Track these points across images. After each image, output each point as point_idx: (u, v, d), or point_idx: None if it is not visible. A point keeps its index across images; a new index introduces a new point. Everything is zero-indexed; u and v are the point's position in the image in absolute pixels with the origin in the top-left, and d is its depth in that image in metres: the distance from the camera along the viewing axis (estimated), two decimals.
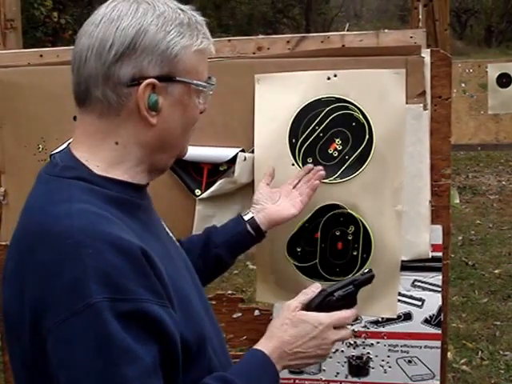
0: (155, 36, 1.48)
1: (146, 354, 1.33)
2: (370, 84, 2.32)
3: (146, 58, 1.47)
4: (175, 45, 1.49)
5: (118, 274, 1.33)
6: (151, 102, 1.49)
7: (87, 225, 1.36)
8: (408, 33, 2.43)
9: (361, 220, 2.33)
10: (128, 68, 1.47)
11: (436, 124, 2.34)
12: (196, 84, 1.55)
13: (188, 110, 1.57)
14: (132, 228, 1.45)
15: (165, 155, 1.60)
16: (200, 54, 1.55)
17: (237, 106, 2.38)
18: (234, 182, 2.36)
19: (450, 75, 2.33)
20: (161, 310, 1.38)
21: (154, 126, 1.52)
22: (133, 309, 1.33)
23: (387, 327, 2.45)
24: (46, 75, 2.46)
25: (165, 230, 1.75)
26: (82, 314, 1.29)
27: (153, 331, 1.36)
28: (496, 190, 10.12)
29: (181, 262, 1.68)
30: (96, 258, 1.32)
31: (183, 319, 1.47)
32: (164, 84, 1.50)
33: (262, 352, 1.63)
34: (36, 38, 14.55)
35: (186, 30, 1.52)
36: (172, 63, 1.50)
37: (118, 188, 1.51)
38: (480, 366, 4.92)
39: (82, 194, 1.44)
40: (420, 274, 2.41)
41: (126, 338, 1.31)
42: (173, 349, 1.41)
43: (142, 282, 1.36)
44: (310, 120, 2.33)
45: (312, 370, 2.51)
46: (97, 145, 1.52)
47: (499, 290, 6.28)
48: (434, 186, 2.36)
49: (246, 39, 2.48)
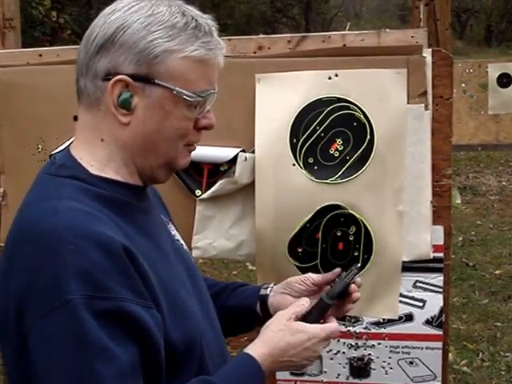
0: (135, 34, 1.44)
1: (123, 353, 1.32)
2: (371, 84, 2.31)
3: (123, 55, 1.45)
4: (156, 46, 1.45)
5: (98, 271, 1.32)
6: (121, 100, 1.46)
7: (71, 222, 1.36)
8: (409, 32, 2.42)
9: (362, 220, 2.32)
10: (105, 61, 1.46)
11: (437, 124, 2.33)
12: (178, 92, 1.48)
13: (170, 119, 1.50)
14: (122, 228, 1.43)
15: (146, 162, 1.54)
16: (193, 62, 1.48)
17: (237, 106, 2.37)
18: (235, 183, 2.35)
19: (451, 75, 2.32)
20: (141, 310, 1.37)
21: (128, 126, 1.48)
22: (111, 307, 1.32)
23: (388, 328, 2.44)
24: (46, 75, 2.45)
25: (170, 233, 1.73)
26: (60, 310, 1.30)
27: (131, 331, 1.35)
28: (496, 191, 10.11)
29: (181, 266, 1.65)
30: (77, 256, 1.32)
31: (172, 321, 1.46)
32: (140, 84, 1.46)
33: (253, 358, 1.57)
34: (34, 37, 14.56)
35: (178, 34, 1.46)
36: (151, 64, 1.45)
37: (111, 188, 1.50)
38: (481, 367, 4.91)
39: (73, 192, 1.44)
40: (421, 274, 2.40)
41: (102, 336, 1.30)
42: (154, 350, 1.39)
43: (123, 281, 1.35)
44: (310, 120, 2.32)
45: (313, 371, 2.50)
46: (89, 141, 1.52)
47: (500, 291, 6.27)
48: (435, 186, 2.35)
49: (247, 39, 2.47)
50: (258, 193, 2.35)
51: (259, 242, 2.37)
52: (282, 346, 1.61)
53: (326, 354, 2.49)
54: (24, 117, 2.48)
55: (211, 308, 1.75)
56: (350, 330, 2.46)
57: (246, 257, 2.45)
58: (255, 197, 2.35)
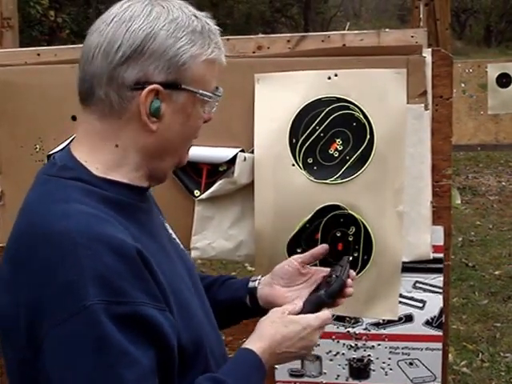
0: (165, 42, 1.45)
1: (143, 357, 1.33)
2: (371, 84, 2.30)
3: (153, 63, 1.45)
4: (184, 52, 1.46)
5: (115, 276, 1.32)
6: (153, 108, 1.46)
7: (84, 226, 1.35)
8: (409, 32, 2.41)
9: (361, 221, 2.31)
10: (134, 71, 1.44)
11: (437, 124, 2.32)
12: (201, 94, 1.51)
13: (191, 120, 1.54)
14: (129, 230, 1.43)
15: (163, 163, 1.57)
16: (209, 63, 1.52)
17: (236, 106, 2.36)
18: (234, 183, 2.34)
19: (451, 75, 2.31)
20: (158, 313, 1.37)
21: (155, 132, 1.49)
22: (129, 312, 1.32)
23: (388, 329, 2.44)
24: (44, 74, 2.44)
25: (167, 232, 1.73)
26: (79, 316, 1.29)
27: (149, 334, 1.35)
28: (496, 191, 10.11)
29: (181, 265, 1.65)
30: (93, 260, 1.31)
31: (181, 322, 1.46)
32: (169, 91, 1.47)
33: (253, 352, 1.59)
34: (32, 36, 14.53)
35: (198, 38, 1.48)
36: (179, 71, 1.47)
37: (116, 190, 1.49)
38: (480, 367, 4.90)
39: (78, 194, 1.42)
40: (421, 275, 2.39)
41: (123, 340, 1.30)
42: (169, 352, 1.41)
43: (139, 284, 1.35)
44: (310, 120, 2.31)
45: (313, 372, 2.50)
46: (97, 146, 1.50)
47: (499, 292, 6.26)
48: (435, 186, 2.34)
49: (246, 38, 2.46)
50: (257, 193, 2.34)
51: (258, 243, 2.36)
52: (278, 339, 1.62)
53: (326, 355, 2.48)
54: (22, 116, 2.47)
55: (210, 307, 1.75)
56: (349, 331, 2.46)
57: (245, 257, 2.44)
58: (254, 197, 2.35)
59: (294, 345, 1.64)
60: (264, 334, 1.63)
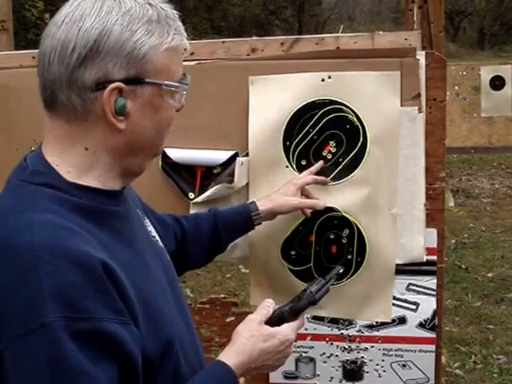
0: (120, 37, 1.39)
1: (102, 375, 1.30)
2: (365, 86, 2.30)
3: (111, 61, 1.39)
4: (143, 45, 1.41)
5: (76, 292, 1.29)
6: (118, 107, 1.41)
7: (47, 239, 1.31)
8: (403, 35, 2.41)
9: (355, 223, 2.32)
10: (92, 72, 1.39)
11: (431, 126, 2.32)
12: (167, 85, 1.46)
13: (160, 112, 1.49)
14: (99, 239, 1.40)
15: (137, 159, 1.52)
16: (172, 51, 1.46)
17: (231, 108, 2.36)
18: (232, 188, 2.35)
19: (444, 77, 2.32)
20: (120, 328, 1.34)
21: (124, 131, 1.45)
22: (90, 328, 1.29)
23: (382, 331, 2.44)
24: None
25: (147, 231, 1.72)
26: (36, 332, 1.26)
27: (111, 350, 1.32)
28: (489, 194, 10.12)
29: (158, 266, 1.64)
30: (53, 275, 1.28)
31: (148, 331, 1.44)
32: (132, 87, 1.42)
33: (228, 367, 1.57)
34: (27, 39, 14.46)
35: (156, 28, 1.43)
36: (140, 64, 1.41)
37: (88, 196, 1.45)
38: (473, 369, 4.91)
39: (47, 202, 1.39)
40: (414, 277, 2.40)
41: (81, 359, 1.27)
42: (132, 366, 1.38)
43: (101, 299, 1.32)
44: (304, 122, 2.32)
45: (307, 374, 2.50)
46: (67, 150, 1.47)
47: (492, 294, 6.27)
48: (429, 189, 2.34)
49: (240, 41, 2.46)
50: (252, 195, 2.35)
51: (252, 245, 2.37)
52: (256, 355, 1.63)
53: (319, 358, 2.48)
54: (17, 119, 2.47)
55: (186, 305, 1.74)
56: (343, 333, 2.46)
57: (240, 260, 2.44)
58: (249, 199, 2.34)
59: (270, 358, 1.66)
60: (241, 350, 1.62)
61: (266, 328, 1.68)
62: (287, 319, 1.76)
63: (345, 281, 2.36)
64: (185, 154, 2.35)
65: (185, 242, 2.07)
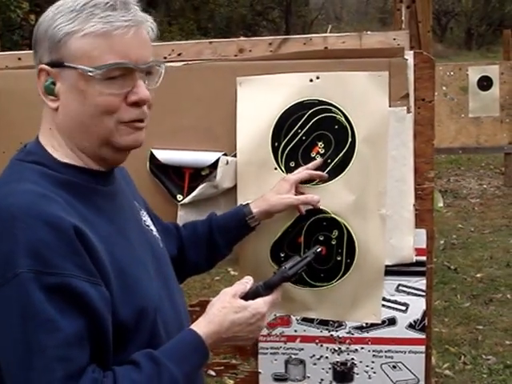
0: (45, 26, 1.57)
1: (68, 325, 1.42)
2: (353, 86, 2.30)
3: (41, 46, 1.58)
4: (59, 30, 1.55)
5: (47, 249, 1.42)
6: (44, 87, 1.59)
7: (26, 203, 1.46)
8: (391, 35, 2.41)
9: (344, 224, 2.31)
10: (36, 56, 1.62)
11: (419, 127, 2.32)
12: (81, 69, 1.55)
13: (88, 97, 1.57)
14: (78, 209, 1.53)
15: (83, 142, 1.61)
16: (93, 38, 1.54)
17: (218, 109, 2.35)
18: (216, 187, 2.33)
19: (433, 77, 2.31)
20: (89, 286, 1.46)
21: (57, 111, 1.60)
22: (58, 282, 1.42)
23: (371, 332, 2.43)
24: (25, 79, 2.39)
25: (139, 218, 1.83)
26: (10, 283, 1.41)
27: (78, 305, 1.44)
28: (477, 194, 10.15)
29: (145, 248, 1.74)
30: (28, 233, 1.42)
31: (122, 297, 1.55)
32: (57, 70, 1.57)
33: (197, 334, 1.65)
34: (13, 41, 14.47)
35: (77, 16, 1.55)
36: (58, 49, 1.56)
37: (71, 173, 1.60)
38: (463, 370, 4.91)
39: (33, 176, 1.55)
40: (404, 278, 2.39)
41: (48, 308, 1.41)
42: (100, 323, 1.48)
43: (70, 258, 1.45)
44: (292, 123, 2.31)
45: (297, 376, 2.49)
46: (45, 130, 1.65)
47: (481, 294, 6.27)
48: (418, 189, 2.34)
49: (228, 41, 2.45)
50: (240, 197, 2.33)
51: (241, 247, 2.35)
52: (226, 325, 1.69)
53: (309, 359, 2.48)
54: (3, 121, 2.44)
55: (174, 288, 1.84)
56: (332, 334, 2.45)
57: (229, 262, 2.42)
58: (237, 201, 2.33)
59: (242, 330, 1.72)
60: (213, 320, 1.69)
61: (238, 301, 1.74)
62: (262, 294, 1.80)
63: (334, 282, 2.35)
64: (173, 155, 2.33)
65: (183, 246, 2.17)
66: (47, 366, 1.40)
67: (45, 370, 1.40)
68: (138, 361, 1.54)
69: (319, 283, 2.35)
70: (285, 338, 2.49)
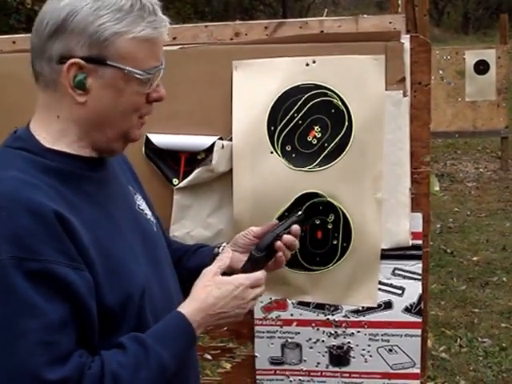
0: (85, 19, 1.52)
1: (52, 310, 1.44)
2: (349, 70, 2.29)
3: (75, 39, 1.53)
4: (105, 29, 1.53)
5: (28, 235, 1.43)
6: (76, 81, 1.55)
7: (10, 190, 1.47)
8: (387, 18, 2.41)
9: (341, 208, 2.31)
10: (59, 45, 1.54)
11: (416, 111, 2.32)
12: (129, 71, 1.56)
13: (124, 95, 1.59)
14: (65, 196, 1.54)
15: (102, 135, 1.63)
16: (141, 41, 1.57)
17: (214, 93, 2.34)
18: (212, 171, 2.33)
19: (429, 61, 2.31)
20: (70, 271, 1.47)
21: (85, 105, 1.58)
22: (40, 268, 1.43)
23: (368, 316, 2.44)
24: (19, 62, 2.38)
25: (132, 202, 1.82)
26: None
27: (61, 291, 1.46)
28: (474, 178, 10.15)
29: (136, 233, 1.74)
30: (9, 220, 1.43)
31: (108, 282, 1.56)
32: (93, 66, 1.55)
33: (181, 314, 1.67)
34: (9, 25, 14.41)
35: (125, 17, 1.54)
36: (101, 47, 1.54)
37: (59, 159, 1.59)
38: (459, 353, 4.94)
39: (20, 163, 1.55)
40: (400, 262, 2.40)
41: (31, 294, 1.41)
42: (83, 308, 1.49)
43: (52, 244, 1.46)
44: (288, 107, 2.30)
45: (293, 360, 2.50)
46: (44, 117, 1.62)
47: (477, 278, 6.30)
48: (414, 173, 2.34)
49: (223, 25, 2.45)
50: (236, 181, 2.33)
51: (237, 231, 2.34)
52: (211, 301, 1.71)
53: (306, 343, 2.48)
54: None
55: (166, 272, 1.85)
56: (329, 318, 2.46)
57: None
58: (233, 185, 2.33)
59: (227, 304, 1.73)
60: (197, 298, 1.71)
61: (219, 277, 1.76)
62: (257, 257, 1.85)
63: (330, 266, 2.35)
64: (168, 139, 2.33)
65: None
66: (31, 350, 1.41)
67: (29, 354, 1.41)
68: (124, 344, 1.56)
69: (315, 267, 2.36)
70: (281, 321, 2.49)
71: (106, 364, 1.50)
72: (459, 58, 9.84)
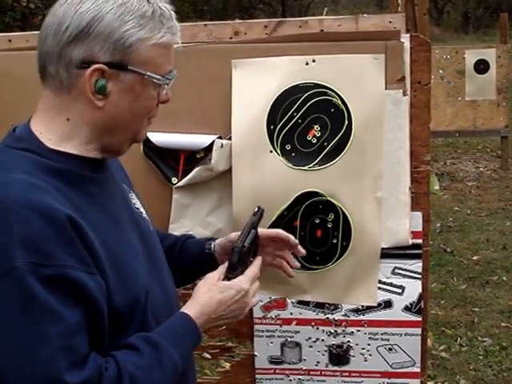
0: (110, 24, 1.52)
1: (69, 314, 1.44)
2: (349, 69, 2.29)
3: (99, 44, 1.52)
4: (130, 35, 1.53)
5: (43, 240, 1.43)
6: (98, 86, 1.54)
7: (20, 194, 1.45)
8: (387, 17, 2.40)
9: (340, 207, 2.31)
10: (80, 50, 1.52)
11: (415, 110, 2.32)
12: (149, 76, 1.58)
13: (140, 99, 1.61)
14: (70, 198, 1.53)
15: (115, 137, 1.64)
16: (161, 47, 1.59)
17: (213, 92, 2.34)
18: (211, 170, 2.33)
19: (429, 60, 2.31)
20: (85, 275, 1.47)
21: (102, 109, 1.57)
22: (55, 273, 1.43)
23: (367, 315, 2.44)
24: (15, 61, 2.40)
25: (128, 201, 1.82)
26: (7, 276, 1.41)
27: (76, 295, 1.46)
28: (474, 177, 10.15)
29: (135, 232, 1.75)
30: (23, 225, 1.42)
31: (116, 285, 1.56)
32: (115, 71, 1.55)
33: (188, 315, 1.69)
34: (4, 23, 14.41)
35: (147, 23, 1.55)
36: (125, 52, 1.54)
37: (64, 161, 1.58)
38: (459, 352, 4.93)
39: (25, 164, 1.53)
40: (400, 261, 2.40)
41: (49, 299, 1.41)
42: (97, 311, 1.51)
43: (66, 248, 1.45)
44: (288, 106, 2.30)
45: (293, 359, 2.50)
46: (51, 118, 1.60)
47: (477, 277, 6.29)
48: (414, 172, 2.34)
49: (223, 24, 2.44)
50: (235, 180, 2.33)
51: (236, 231, 2.35)
52: (214, 305, 1.74)
53: (305, 342, 2.49)
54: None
55: (164, 271, 1.86)
56: (328, 317, 2.46)
57: None
58: (232, 184, 2.33)
59: (228, 307, 1.76)
60: (200, 302, 1.74)
61: (222, 282, 1.79)
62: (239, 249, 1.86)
63: (330, 265, 2.35)
64: (167, 138, 2.33)
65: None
66: (52, 356, 1.42)
67: (49, 360, 1.42)
68: (136, 345, 1.57)
69: (315, 266, 2.36)
70: (280, 320, 2.49)
71: (121, 365, 1.52)
72: (459, 58, 9.84)
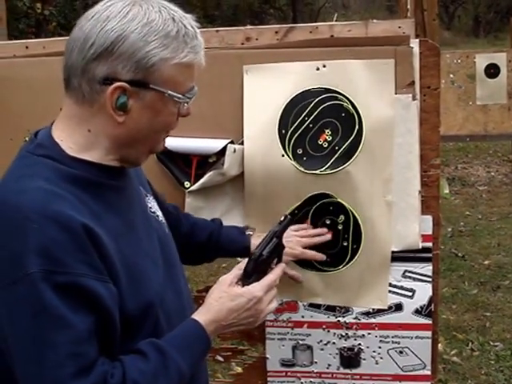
0: (134, 44, 1.54)
1: (80, 322, 1.47)
2: (359, 74, 2.30)
3: (122, 63, 1.55)
4: (154, 55, 1.55)
5: (57, 248, 1.46)
6: (119, 103, 1.57)
7: (37, 201, 1.48)
8: (396, 23, 2.42)
9: (351, 210, 2.32)
10: (103, 68, 1.55)
11: (425, 114, 2.33)
12: (169, 94, 1.61)
13: (160, 116, 1.64)
14: (88, 206, 1.56)
15: (133, 150, 1.68)
16: (183, 66, 1.61)
17: (225, 97, 2.36)
18: (224, 174, 2.35)
19: (438, 65, 2.32)
20: (98, 284, 1.50)
21: (122, 124, 1.60)
22: (69, 281, 1.46)
23: (378, 318, 2.45)
24: (32, 67, 2.43)
25: (144, 206, 1.85)
26: (21, 282, 1.44)
27: (87, 302, 1.48)
28: (485, 181, 10.13)
29: (151, 237, 1.78)
30: (38, 233, 1.45)
31: (130, 292, 1.59)
32: (136, 89, 1.57)
33: (198, 322, 1.70)
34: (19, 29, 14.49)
35: (171, 43, 1.57)
36: (147, 72, 1.56)
37: (84, 168, 1.61)
38: (470, 356, 4.92)
39: (45, 171, 1.56)
40: (410, 264, 2.41)
41: (60, 306, 1.44)
42: (108, 319, 1.53)
43: (81, 257, 1.48)
44: (299, 111, 2.32)
45: (304, 362, 2.51)
46: (72, 128, 1.63)
47: (489, 281, 6.28)
48: (424, 176, 2.35)
49: (234, 30, 2.46)
50: (247, 184, 2.35)
51: None
52: (224, 313, 1.74)
53: (317, 345, 2.49)
54: (11, 109, 2.46)
55: (179, 275, 1.89)
56: (339, 320, 2.47)
57: None
58: (244, 188, 2.35)
59: (239, 315, 1.76)
60: (211, 309, 1.74)
61: (234, 289, 1.78)
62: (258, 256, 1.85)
63: (341, 268, 2.37)
64: (180, 142, 2.34)
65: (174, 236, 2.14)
66: (59, 362, 1.44)
67: (56, 366, 1.44)
68: (144, 351, 1.59)
69: (326, 267, 2.37)
70: (292, 323, 2.51)
71: (127, 372, 1.54)
72: (470, 62, 9.82)
